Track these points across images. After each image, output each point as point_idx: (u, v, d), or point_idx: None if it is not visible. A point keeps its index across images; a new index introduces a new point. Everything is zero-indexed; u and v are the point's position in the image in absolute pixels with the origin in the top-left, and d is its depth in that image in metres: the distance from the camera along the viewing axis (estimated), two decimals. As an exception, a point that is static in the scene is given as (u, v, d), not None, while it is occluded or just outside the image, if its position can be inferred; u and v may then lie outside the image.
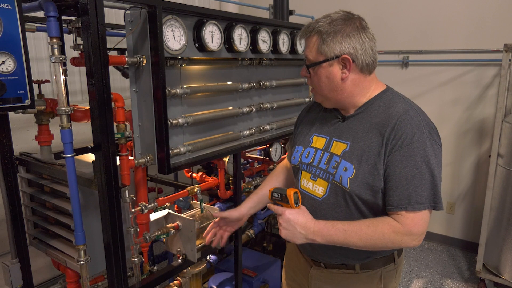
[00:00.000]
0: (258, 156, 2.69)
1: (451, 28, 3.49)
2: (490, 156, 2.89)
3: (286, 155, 2.59)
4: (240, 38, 1.82)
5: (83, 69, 1.85)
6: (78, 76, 3.06)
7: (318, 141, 1.37)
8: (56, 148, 1.92)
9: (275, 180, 1.64)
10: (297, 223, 1.20)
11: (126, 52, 1.76)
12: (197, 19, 1.63)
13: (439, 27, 3.54)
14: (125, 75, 2.24)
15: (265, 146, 2.52)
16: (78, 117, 1.72)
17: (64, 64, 1.35)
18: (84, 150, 1.30)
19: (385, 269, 1.36)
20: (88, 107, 1.74)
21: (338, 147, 1.29)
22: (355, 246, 1.19)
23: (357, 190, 1.21)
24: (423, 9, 3.59)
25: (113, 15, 3.25)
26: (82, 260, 1.36)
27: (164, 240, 1.81)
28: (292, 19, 3.41)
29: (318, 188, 1.31)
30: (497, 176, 2.86)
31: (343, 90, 1.25)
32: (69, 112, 1.23)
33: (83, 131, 1.93)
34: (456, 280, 3.22)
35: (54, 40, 1.16)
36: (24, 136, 2.77)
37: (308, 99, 2.55)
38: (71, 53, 1.55)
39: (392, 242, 1.16)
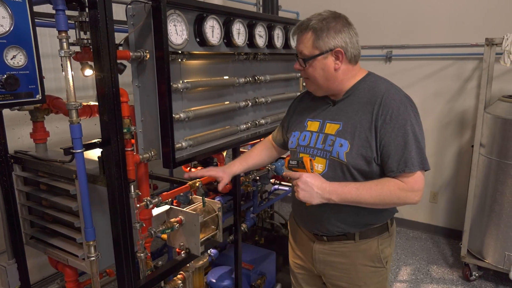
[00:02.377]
0: (251, 151, 2.71)
1: (433, 23, 3.60)
2: (472, 146, 3.01)
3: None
4: (239, 33, 1.83)
5: (75, 64, 1.81)
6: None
7: (313, 125, 1.51)
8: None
9: (264, 153, 1.81)
10: (314, 184, 1.32)
11: (120, 47, 1.75)
12: (197, 14, 1.63)
13: (422, 22, 3.65)
14: (118, 70, 2.21)
15: (259, 140, 2.55)
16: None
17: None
18: (93, 145, 1.29)
19: (381, 237, 1.51)
20: (87, 103, 1.73)
21: (332, 128, 1.44)
22: (366, 202, 1.34)
23: (352, 161, 1.36)
24: (406, 4, 3.68)
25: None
26: (93, 256, 1.35)
27: (165, 236, 1.81)
28: (279, 14, 3.43)
29: (317, 166, 1.45)
30: (479, 165, 2.99)
31: (335, 78, 1.41)
32: (79, 107, 1.22)
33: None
34: (441, 266, 3.35)
35: (63, 34, 1.14)
36: (10, 135, 2.69)
37: (299, 93, 2.59)
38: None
39: (398, 198, 1.33)
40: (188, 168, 2.14)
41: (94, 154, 1.63)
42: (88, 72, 2.00)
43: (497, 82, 3.27)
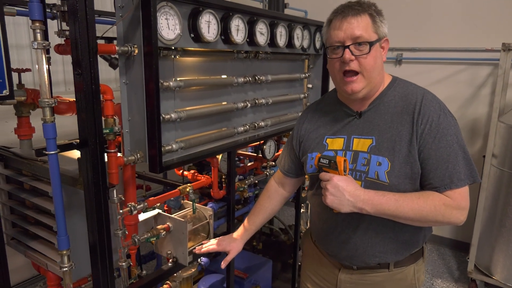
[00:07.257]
0: (251, 153, 2.59)
1: (445, 26, 3.46)
2: (484, 156, 2.86)
3: (278, 153, 2.52)
4: (238, 29, 1.71)
5: (67, 58, 1.71)
6: (61, 66, 2.90)
7: (335, 143, 1.32)
8: (37, 142, 1.79)
9: (268, 203, 1.60)
10: (346, 189, 1.14)
11: (114, 41, 1.65)
12: (192, 7, 1.52)
13: (433, 25, 3.50)
14: (112, 65, 2.11)
15: (257, 143, 2.44)
16: (62, 109, 1.60)
17: (48, 52, 1.23)
18: (69, 146, 1.18)
19: (417, 263, 1.36)
20: (73, 99, 1.63)
21: (362, 144, 1.26)
22: (405, 217, 1.16)
23: (396, 181, 1.19)
24: (418, 5, 3.55)
25: (99, 1, 3.09)
26: (66, 267, 1.25)
27: (153, 242, 1.71)
28: (286, 12, 3.32)
29: None
30: (490, 176, 2.84)
31: (381, 72, 1.27)
32: (53, 105, 1.12)
33: (65, 124, 1.79)
34: (446, 280, 3.21)
35: (37, 24, 1.03)
36: (2, 128, 2.62)
37: (303, 95, 2.47)
38: (54, 40, 1.42)
39: (442, 216, 1.15)
40: (181, 171, 2.03)
41: (78, 153, 1.53)
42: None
43: (512, 90, 3.12)
